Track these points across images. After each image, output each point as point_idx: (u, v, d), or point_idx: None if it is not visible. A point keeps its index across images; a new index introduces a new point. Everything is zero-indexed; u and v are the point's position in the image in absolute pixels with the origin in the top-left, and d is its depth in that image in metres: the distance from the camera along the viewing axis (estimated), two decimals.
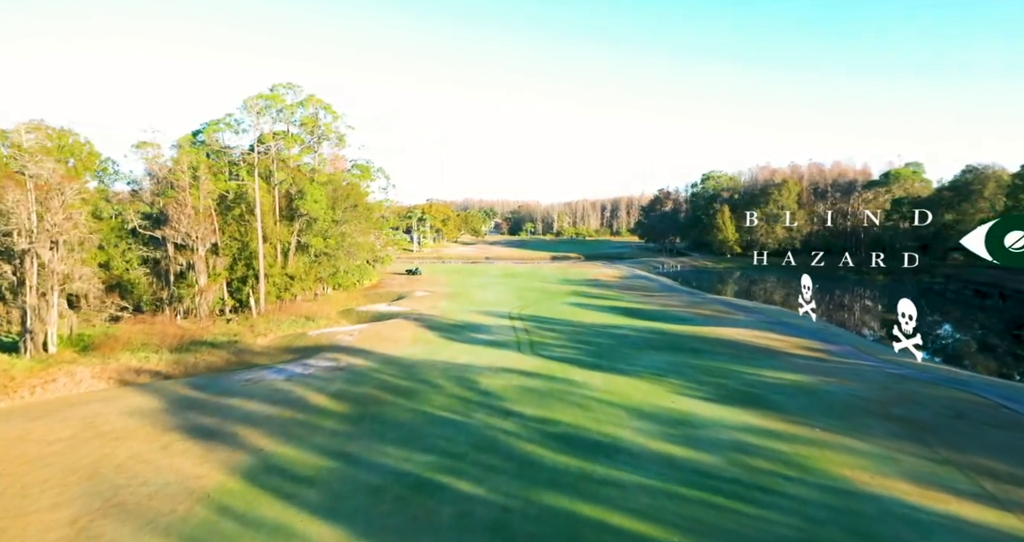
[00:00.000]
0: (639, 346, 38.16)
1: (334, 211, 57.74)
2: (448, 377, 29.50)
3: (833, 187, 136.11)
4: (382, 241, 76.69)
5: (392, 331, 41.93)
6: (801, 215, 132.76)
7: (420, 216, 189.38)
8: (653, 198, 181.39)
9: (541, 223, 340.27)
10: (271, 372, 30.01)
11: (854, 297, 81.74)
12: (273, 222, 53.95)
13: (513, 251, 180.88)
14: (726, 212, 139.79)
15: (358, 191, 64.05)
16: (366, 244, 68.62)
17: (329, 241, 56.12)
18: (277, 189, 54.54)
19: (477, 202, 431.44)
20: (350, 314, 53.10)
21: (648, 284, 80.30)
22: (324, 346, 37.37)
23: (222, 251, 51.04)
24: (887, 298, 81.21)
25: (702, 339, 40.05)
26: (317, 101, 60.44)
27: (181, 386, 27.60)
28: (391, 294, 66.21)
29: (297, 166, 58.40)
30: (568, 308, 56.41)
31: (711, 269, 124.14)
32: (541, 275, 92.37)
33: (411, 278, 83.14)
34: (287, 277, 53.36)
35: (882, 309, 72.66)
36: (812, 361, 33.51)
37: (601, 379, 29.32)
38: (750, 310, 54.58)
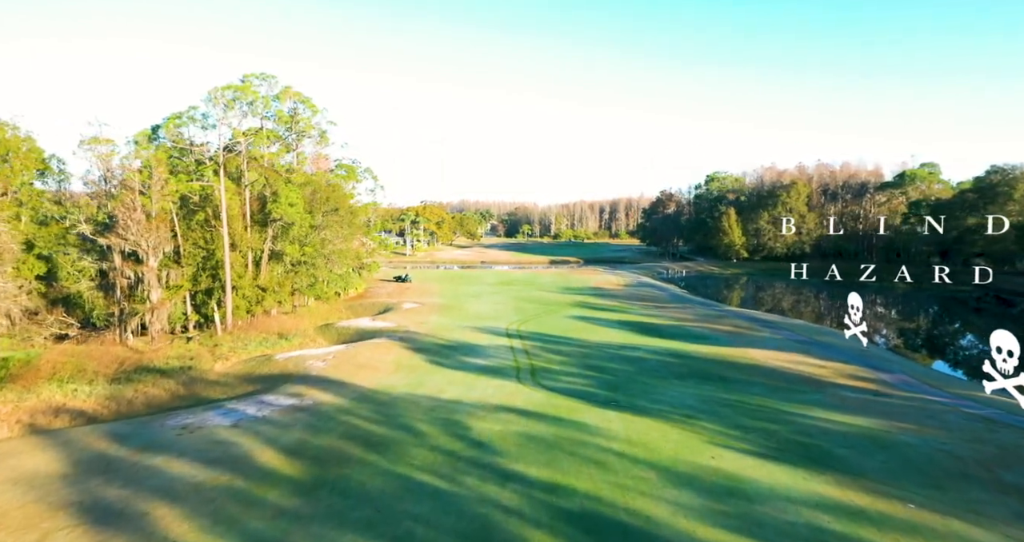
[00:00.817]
0: (659, 374, 33.12)
1: (313, 215, 52.57)
2: (433, 420, 24.39)
3: (844, 189, 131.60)
4: (368, 247, 71.49)
5: (372, 354, 36.76)
6: (811, 218, 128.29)
7: (413, 218, 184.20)
8: (655, 200, 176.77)
9: (539, 225, 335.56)
10: (217, 414, 24.80)
11: (878, 308, 76.75)
12: (243, 228, 48.77)
13: (510, 255, 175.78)
14: (732, 215, 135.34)
15: (340, 193, 58.93)
16: (349, 251, 63.43)
17: (307, 249, 50.95)
18: (248, 191, 49.38)
19: (473, 203, 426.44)
20: (329, 331, 47.89)
21: (656, 293, 75.31)
22: (290, 375, 32.17)
23: (184, 260, 45.82)
24: (916, 309, 76.34)
25: (730, 364, 35.02)
26: (294, 94, 55.31)
27: (101, 435, 22.36)
28: (377, 306, 61.01)
29: (272, 166, 53.24)
30: (572, 323, 51.35)
31: (718, 275, 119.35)
32: (540, 283, 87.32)
33: (400, 286, 77.98)
34: (258, 289, 48.16)
35: (919, 324, 67.97)
36: (867, 395, 28.52)
37: (620, 422, 24.26)
38: (775, 326, 49.67)
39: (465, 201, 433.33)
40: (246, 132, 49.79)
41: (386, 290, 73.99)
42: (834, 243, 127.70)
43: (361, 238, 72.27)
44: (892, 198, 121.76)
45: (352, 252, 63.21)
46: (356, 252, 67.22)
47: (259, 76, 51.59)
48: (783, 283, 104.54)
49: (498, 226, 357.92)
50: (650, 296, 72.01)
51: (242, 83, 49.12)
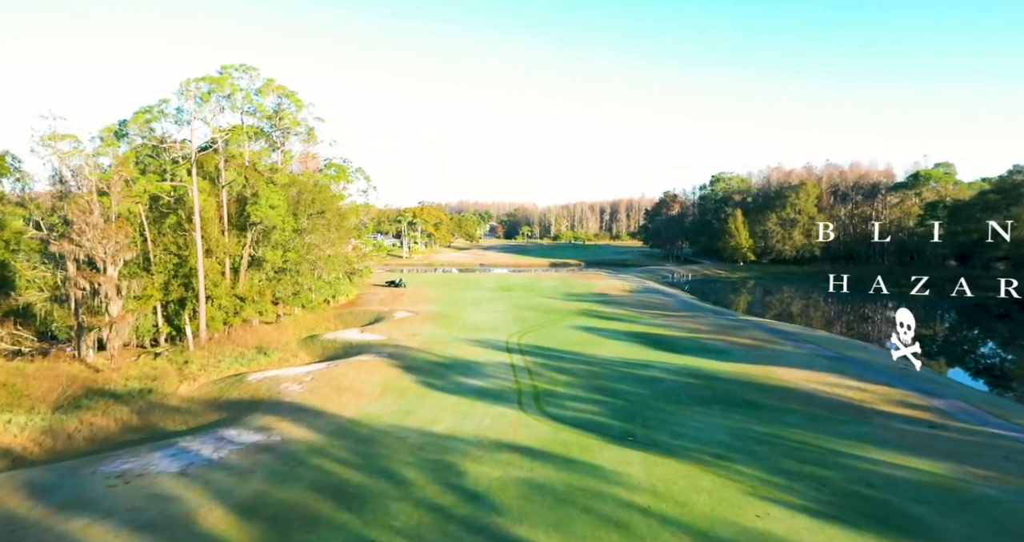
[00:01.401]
0: (678, 398, 29.48)
1: (297, 218, 48.95)
2: (421, 463, 20.75)
3: (855, 189, 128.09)
4: (359, 252, 67.84)
5: (357, 374, 33.11)
6: (821, 220, 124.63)
7: (411, 220, 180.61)
8: (658, 201, 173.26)
9: (538, 226, 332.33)
10: (165, 455, 21.13)
11: (890, 314, 72.75)
12: (220, 232, 45.13)
13: (509, 257, 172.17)
14: (739, 216, 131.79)
15: (328, 194, 55.28)
16: (338, 256, 59.77)
17: (290, 254, 47.28)
18: (226, 192, 45.71)
19: (472, 204, 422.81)
20: (313, 344, 44.25)
21: (665, 300, 71.70)
22: (261, 401, 28.51)
23: (155, 268, 42.18)
24: (944, 319, 72.60)
25: (758, 387, 31.39)
26: (278, 88, 51.67)
27: (16, 487, 18.67)
28: (367, 315, 57.34)
29: (253, 165, 49.61)
30: (577, 334, 47.73)
31: (724, 279, 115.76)
32: (541, 288, 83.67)
33: (394, 292, 74.30)
34: (236, 299, 44.50)
35: (950, 335, 64.25)
36: (922, 428, 24.91)
37: (641, 465, 20.64)
38: (796, 338, 46.06)
39: (464, 202, 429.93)
40: (224, 128, 46.14)
41: (379, 297, 70.33)
42: (846, 246, 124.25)
43: (352, 242, 68.61)
44: (905, 199, 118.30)
45: (342, 257, 59.54)
46: (346, 257, 63.55)
47: (239, 68, 47.95)
48: (792, 287, 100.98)
49: (497, 227, 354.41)
50: (659, 303, 68.40)
51: (219, 75, 45.46)
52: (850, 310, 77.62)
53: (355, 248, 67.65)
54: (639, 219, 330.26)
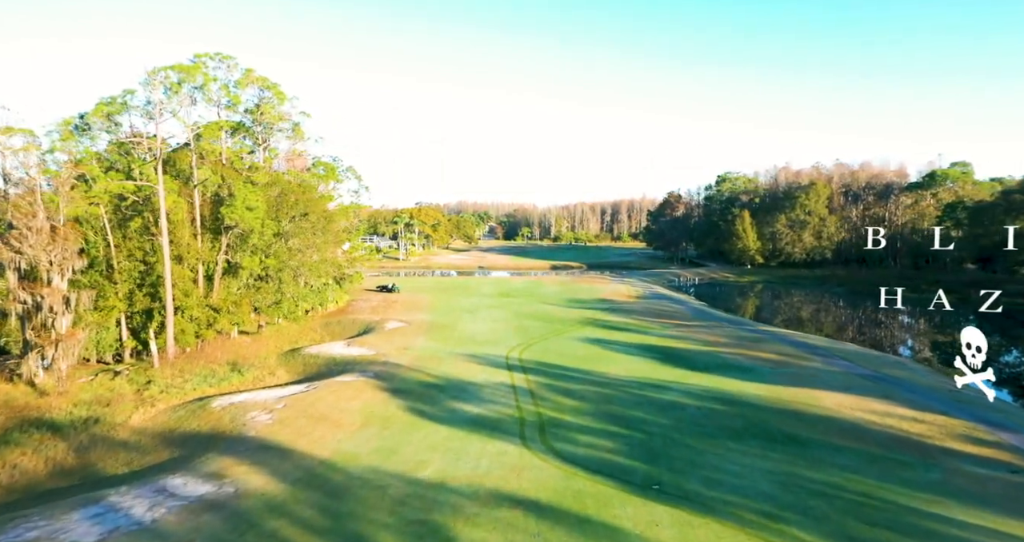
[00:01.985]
0: (706, 430, 25.62)
1: (278, 221, 45.10)
2: (402, 525, 16.91)
3: (867, 190, 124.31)
4: (350, 256, 63.91)
5: (336, 399, 29.26)
6: (833, 221, 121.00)
7: (407, 221, 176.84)
8: (662, 201, 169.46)
9: (538, 227, 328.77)
10: (86, 516, 17.23)
11: (926, 328, 68.91)
12: (192, 236, 41.27)
13: (509, 259, 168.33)
14: (746, 218, 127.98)
15: (313, 194, 51.39)
16: (326, 261, 55.94)
17: (269, 261, 43.43)
18: (199, 192, 41.84)
19: (471, 204, 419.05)
20: (293, 359, 40.40)
21: (675, 308, 67.83)
22: (222, 435, 24.66)
23: (118, 276, 38.32)
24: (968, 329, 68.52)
25: (795, 415, 27.54)
26: (258, 79, 47.85)
27: None
28: (356, 325, 53.46)
29: (231, 163, 45.78)
30: (584, 348, 43.92)
31: (733, 283, 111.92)
32: (543, 293, 79.80)
33: (387, 298, 70.39)
34: (210, 309, 40.63)
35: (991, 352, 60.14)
36: (1002, 473, 21.05)
37: (673, 526, 16.84)
38: (826, 353, 42.20)
39: (463, 202, 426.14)
40: (197, 123, 42.29)
41: (370, 304, 66.44)
42: (858, 248, 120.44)
43: (342, 245, 64.76)
44: (920, 200, 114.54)
45: (329, 263, 55.69)
46: (335, 262, 59.71)
47: (214, 57, 44.15)
48: (803, 292, 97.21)
49: (496, 228, 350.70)
50: (669, 312, 64.53)
51: (192, 63, 41.58)
52: (868, 317, 73.70)
53: (345, 252, 63.73)
54: (640, 220, 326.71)
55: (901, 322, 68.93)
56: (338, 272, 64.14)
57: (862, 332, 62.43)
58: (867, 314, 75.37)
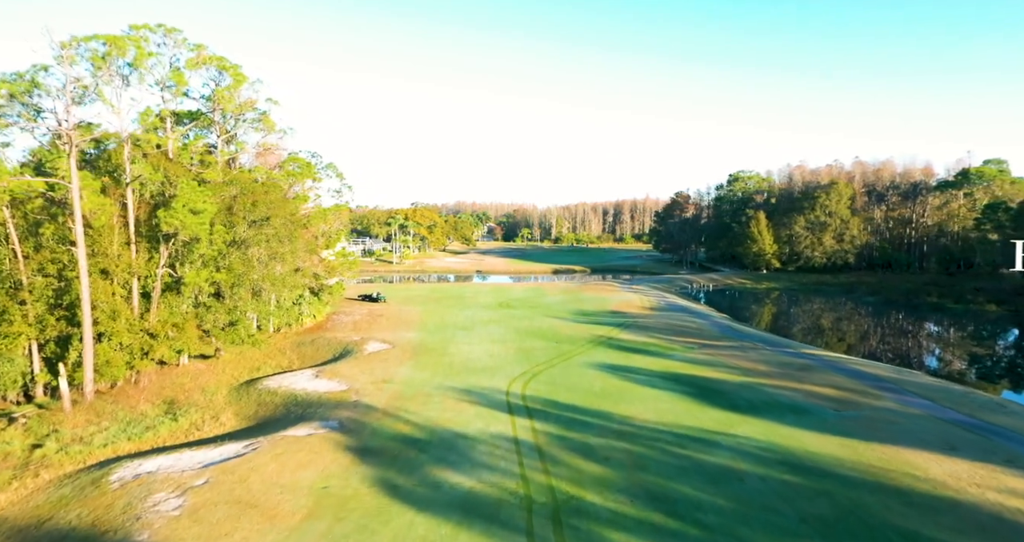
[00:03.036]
0: (785, 523, 18.57)
1: (232, 227, 38.06)
2: None
3: (891, 189, 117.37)
4: (327, 265, 56.79)
5: (281, 470, 22.20)
6: (855, 223, 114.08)
7: (402, 222, 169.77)
8: (669, 202, 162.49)
9: (538, 228, 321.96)
10: None
11: (1001, 350, 59.42)
12: (123, 245, 34.21)
13: (509, 263, 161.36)
14: (762, 219, 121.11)
15: (278, 195, 44.29)
16: (302, 271, 48.91)
17: (219, 275, 36.41)
18: (133, 192, 34.78)
19: (470, 205, 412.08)
20: (246, 397, 33.37)
21: (697, 323, 60.78)
22: (102, 537, 17.59)
23: (27, 294, 31.27)
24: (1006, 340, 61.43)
25: (901, 494, 20.49)
26: (213, 59, 40.87)
27: None
28: (332, 346, 46.42)
29: (178, 157, 38.76)
30: (599, 378, 36.96)
31: (751, 290, 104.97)
32: (547, 304, 72.78)
33: (372, 311, 63.28)
34: (145, 335, 33.56)
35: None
36: None
37: None
38: (896, 387, 35.14)
39: (461, 202, 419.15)
40: (130, 108, 35.23)
41: (352, 318, 59.35)
42: (883, 252, 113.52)
43: (320, 253, 57.72)
44: (952, 200, 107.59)
45: (304, 273, 48.62)
46: (309, 272, 52.69)
47: (155, 29, 37.13)
48: (827, 300, 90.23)
49: (495, 229, 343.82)
50: (691, 328, 57.50)
51: (128, 35, 34.49)
52: (920, 333, 66.34)
53: (324, 260, 56.71)
54: (644, 221, 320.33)
55: (963, 341, 60.81)
56: (315, 283, 57.15)
57: (924, 355, 53.80)
58: (916, 329, 67.48)
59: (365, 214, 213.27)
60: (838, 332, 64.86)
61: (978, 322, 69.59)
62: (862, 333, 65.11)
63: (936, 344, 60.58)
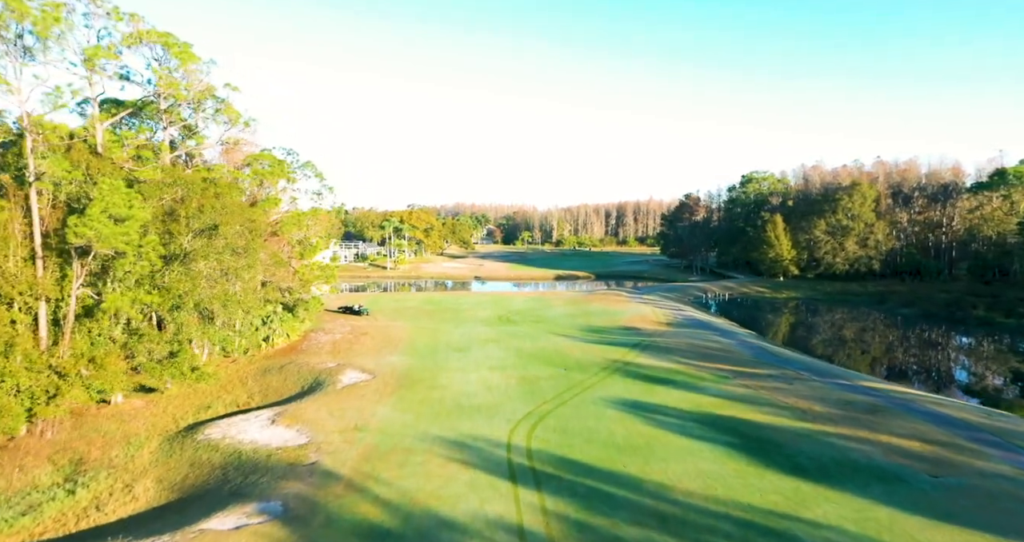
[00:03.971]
0: None
1: (173, 237, 31.38)
2: None
3: (919, 191, 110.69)
4: (302, 277, 49.99)
5: None
6: (881, 227, 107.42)
7: (397, 225, 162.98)
8: (679, 204, 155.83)
9: (539, 231, 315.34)
10: None
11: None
12: (24, 259, 27.49)
13: (509, 268, 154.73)
14: (779, 223, 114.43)
15: (236, 198, 37.52)
16: (272, 287, 42.22)
17: (151, 297, 29.70)
18: (40, 194, 28.08)
19: (469, 207, 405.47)
20: (179, 453, 26.65)
21: (723, 343, 54.01)
22: None
23: None
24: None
25: None
26: (153, 34, 34.20)
27: None
28: (302, 375, 39.69)
29: (107, 151, 32.09)
30: (621, 422, 30.29)
31: (770, 299, 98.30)
32: (552, 318, 66.08)
33: (355, 329, 56.45)
34: (52, 373, 26.83)
35: None
36: None
37: None
38: (995, 437, 28.43)
39: (460, 204, 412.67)
40: (33, 88, 28.52)
41: (332, 337, 52.60)
42: (911, 259, 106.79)
43: (294, 263, 50.97)
44: (986, 203, 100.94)
45: (270, 289, 41.90)
46: (282, 286, 45.95)
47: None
48: (859, 312, 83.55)
49: (495, 231, 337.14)
50: (718, 349, 50.75)
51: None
52: (982, 355, 59.03)
53: (297, 272, 49.97)
54: (648, 224, 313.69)
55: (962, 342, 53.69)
56: (289, 298, 50.45)
57: (1007, 389, 45.75)
58: (976, 351, 59.76)
59: (359, 216, 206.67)
60: (888, 355, 57.73)
61: (1002, 330, 62.67)
62: (917, 357, 57.54)
63: (1012, 372, 50.99)
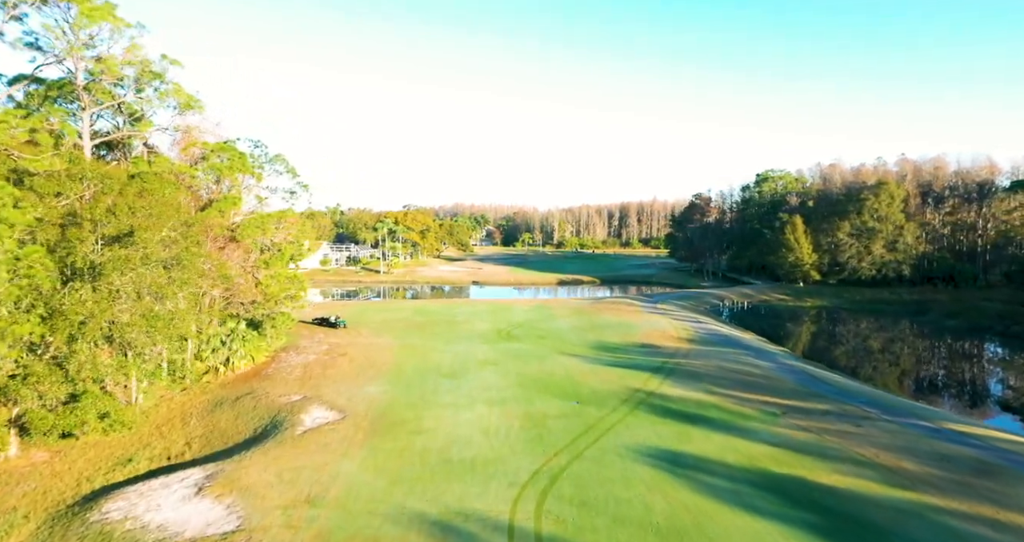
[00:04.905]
0: None
1: (73, 246, 24.34)
2: None
3: (951, 191, 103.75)
4: (264, 291, 42.82)
5: None
6: (911, 229, 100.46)
7: (391, 227, 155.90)
8: (688, 205, 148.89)
9: (540, 232, 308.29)
10: None
11: None
12: None
13: (509, 272, 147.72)
14: (799, 225, 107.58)
15: (169, 196, 30.27)
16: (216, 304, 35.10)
17: (33, 326, 22.58)
18: None
19: (468, 207, 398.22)
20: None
21: (759, 365, 46.90)
22: None
23: None
24: None
25: None
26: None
27: None
28: (257, 414, 32.63)
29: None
30: (658, 484, 23.28)
31: (793, 308, 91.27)
32: (557, 332, 59.04)
33: (333, 348, 49.36)
34: None
35: None
36: None
37: None
38: None
39: (459, 205, 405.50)
40: None
41: (304, 358, 45.54)
42: (944, 263, 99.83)
43: (257, 274, 43.84)
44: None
45: (213, 308, 34.81)
46: (244, 299, 38.87)
47: None
48: (896, 323, 76.58)
49: (494, 232, 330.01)
50: (754, 374, 43.66)
51: None
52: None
53: (260, 284, 42.84)
54: (651, 224, 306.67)
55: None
56: (253, 314, 43.41)
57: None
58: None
59: (352, 217, 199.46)
60: (956, 383, 50.23)
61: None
62: (994, 385, 49.74)
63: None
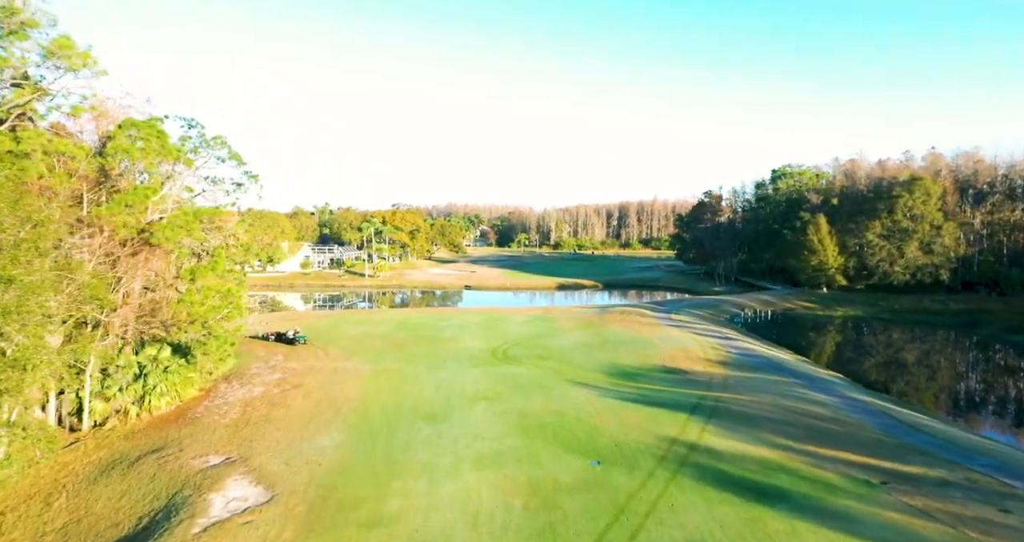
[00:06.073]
0: None
1: None
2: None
3: (993, 187, 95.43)
4: (187, 308, 33.79)
5: None
6: (950, 229, 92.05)
7: (378, 227, 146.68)
8: (697, 204, 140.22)
9: (536, 233, 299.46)
10: None
11: None
12: None
13: (504, 275, 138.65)
14: (822, 225, 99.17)
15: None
16: (85, 334, 26.04)
17: None
18: None
19: (462, 207, 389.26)
20: None
21: (821, 400, 37.95)
22: None
23: None
24: None
25: None
26: None
27: None
28: (150, 492, 23.50)
29: None
30: None
31: (823, 317, 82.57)
32: (563, 352, 50.04)
33: (287, 378, 40.26)
34: None
35: None
36: None
37: None
38: None
39: (453, 204, 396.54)
40: None
41: (246, 392, 36.40)
42: (988, 267, 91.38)
43: (179, 286, 34.77)
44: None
45: (83, 346, 25.72)
46: (163, 320, 29.77)
47: None
48: (951, 338, 68.04)
49: (489, 232, 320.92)
50: (821, 416, 34.69)
51: None
52: None
53: (184, 301, 33.72)
54: (652, 224, 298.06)
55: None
56: (174, 336, 34.30)
57: None
58: None
59: (337, 217, 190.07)
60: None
61: None
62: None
63: None
